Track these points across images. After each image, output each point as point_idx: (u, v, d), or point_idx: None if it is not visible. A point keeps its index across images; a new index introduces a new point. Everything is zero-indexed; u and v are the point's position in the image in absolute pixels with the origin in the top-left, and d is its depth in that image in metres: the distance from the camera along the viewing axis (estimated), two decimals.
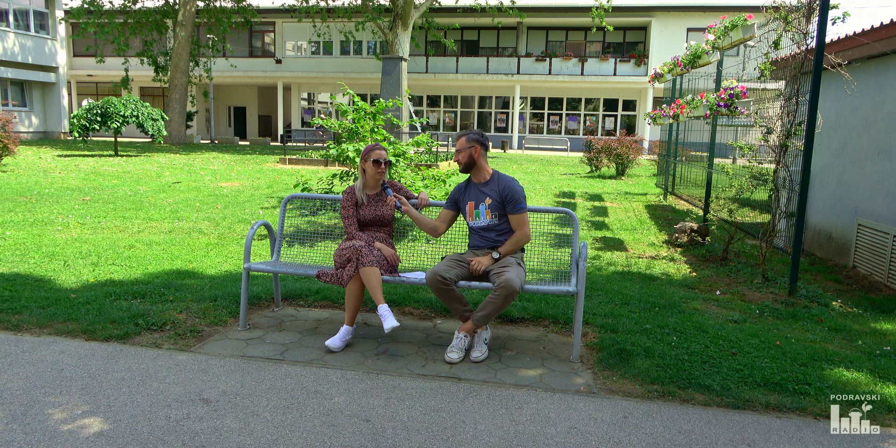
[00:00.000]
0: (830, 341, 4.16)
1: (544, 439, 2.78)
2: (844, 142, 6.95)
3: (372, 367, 3.56)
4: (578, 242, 3.97)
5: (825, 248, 7.23)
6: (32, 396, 3.05)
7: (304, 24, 29.53)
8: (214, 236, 7.27)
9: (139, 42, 27.95)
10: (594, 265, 6.28)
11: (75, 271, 5.35)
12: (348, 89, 7.19)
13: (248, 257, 4.08)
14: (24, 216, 8.05)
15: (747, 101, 6.31)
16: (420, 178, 7.08)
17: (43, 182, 11.75)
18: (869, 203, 6.33)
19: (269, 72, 32.23)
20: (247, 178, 13.52)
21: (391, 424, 2.87)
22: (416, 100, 31.94)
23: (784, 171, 5.61)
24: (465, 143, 3.87)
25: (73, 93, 32.99)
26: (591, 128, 31.13)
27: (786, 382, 3.35)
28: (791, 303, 5.03)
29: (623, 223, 9.03)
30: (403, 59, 20.19)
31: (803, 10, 5.27)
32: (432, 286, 3.66)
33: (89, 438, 2.67)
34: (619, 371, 3.51)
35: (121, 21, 26.41)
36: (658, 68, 10.39)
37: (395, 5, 23.27)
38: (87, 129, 17.55)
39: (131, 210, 8.85)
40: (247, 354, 3.68)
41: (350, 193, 4.06)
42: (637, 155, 16.91)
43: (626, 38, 30.89)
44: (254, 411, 2.97)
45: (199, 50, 27.46)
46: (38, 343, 3.74)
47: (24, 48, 25.24)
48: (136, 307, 4.33)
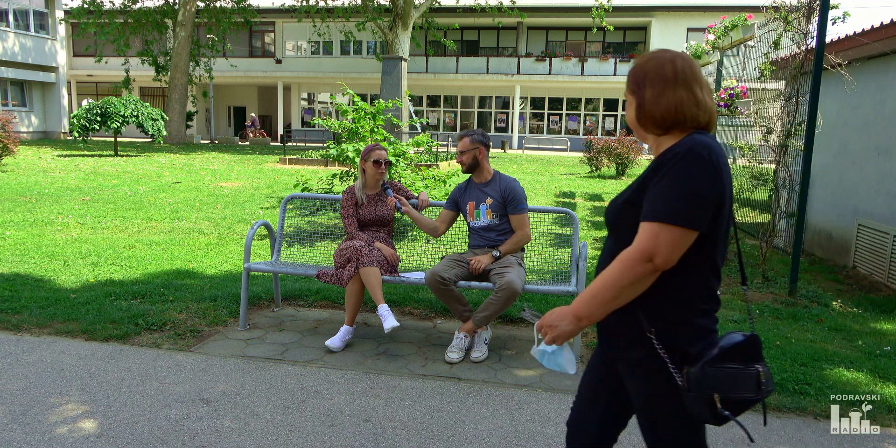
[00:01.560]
0: (830, 341, 4.16)
1: (544, 439, 2.78)
2: (844, 142, 6.95)
3: (372, 367, 3.56)
4: (578, 242, 3.98)
5: (825, 249, 7.23)
6: (32, 396, 3.05)
7: (304, 24, 29.52)
8: (214, 236, 7.27)
9: (139, 42, 27.93)
10: (594, 265, 6.28)
11: (75, 271, 5.35)
12: (348, 89, 7.19)
13: (248, 257, 4.08)
14: (24, 216, 8.05)
15: (747, 101, 6.30)
16: (420, 178, 7.07)
17: (43, 182, 11.75)
18: (869, 203, 6.33)
19: (269, 72, 32.23)
20: (247, 178, 13.52)
21: (391, 424, 2.87)
22: (416, 100, 31.94)
23: (784, 171, 5.60)
24: (469, 144, 3.86)
25: (73, 93, 32.98)
26: (591, 128, 31.12)
27: (786, 382, 3.35)
28: (791, 303, 5.03)
29: None
30: (403, 59, 20.18)
31: (803, 10, 5.27)
32: (432, 286, 3.66)
33: (89, 438, 2.67)
34: None
35: (121, 21, 26.39)
36: None
37: (395, 5, 23.27)
38: (87, 129, 17.54)
39: (131, 210, 8.85)
40: (247, 354, 3.68)
41: (350, 193, 4.06)
42: (637, 155, 16.89)
43: (626, 38, 30.89)
44: (254, 411, 2.97)
45: (199, 50, 27.44)
46: (38, 343, 3.74)
47: (24, 48, 25.24)
48: (136, 307, 4.33)
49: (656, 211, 1.48)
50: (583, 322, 1.57)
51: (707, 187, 1.48)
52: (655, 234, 1.46)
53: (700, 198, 1.47)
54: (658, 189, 1.50)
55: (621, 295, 1.51)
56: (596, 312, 1.55)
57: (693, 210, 1.46)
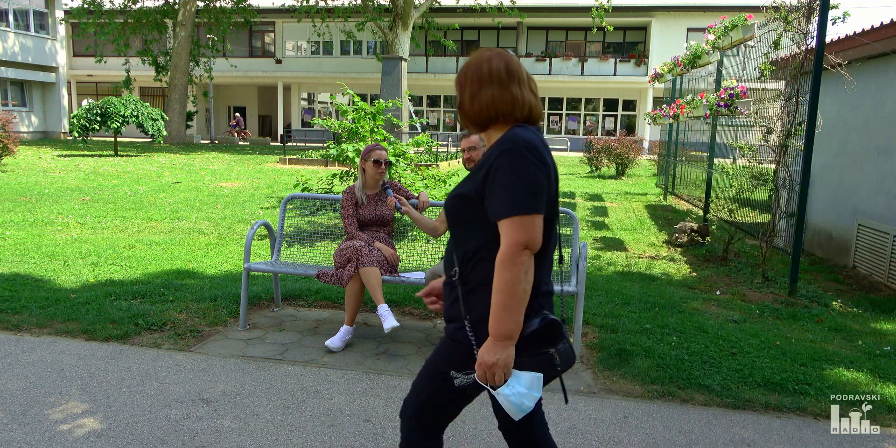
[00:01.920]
0: (830, 341, 4.16)
1: None
2: (844, 142, 6.95)
3: (372, 367, 3.56)
4: (578, 242, 3.97)
5: (825, 248, 7.23)
6: (32, 396, 3.05)
7: (304, 24, 29.50)
8: (214, 236, 7.27)
9: (139, 42, 27.91)
10: (594, 265, 6.28)
11: (75, 271, 5.35)
12: (348, 89, 7.19)
13: (248, 257, 4.08)
14: (24, 216, 8.05)
15: (747, 101, 6.31)
16: (420, 178, 7.08)
17: (43, 182, 11.75)
18: (869, 203, 6.33)
19: (269, 72, 32.22)
20: (247, 178, 13.52)
21: (391, 424, 2.86)
22: (416, 100, 31.94)
23: (784, 171, 5.60)
24: (479, 140, 3.82)
25: (73, 93, 32.98)
26: (591, 128, 31.11)
27: (786, 382, 3.35)
28: (791, 303, 5.03)
29: (623, 223, 9.03)
30: (403, 59, 20.18)
31: (803, 10, 5.27)
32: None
33: (89, 438, 2.67)
34: (620, 371, 3.51)
35: (121, 21, 26.39)
36: (658, 68, 10.39)
37: (395, 5, 23.26)
38: (87, 129, 17.53)
39: (131, 210, 8.85)
40: (247, 354, 3.68)
41: (350, 193, 4.06)
42: (637, 155, 16.90)
43: (626, 38, 30.88)
44: (254, 411, 2.97)
45: (199, 50, 27.44)
46: (38, 343, 3.74)
47: (24, 48, 25.23)
48: (136, 307, 4.33)
49: (507, 206, 1.57)
50: (512, 338, 1.58)
51: (536, 174, 1.59)
52: (518, 226, 1.56)
53: (535, 185, 1.58)
54: (497, 187, 1.59)
55: (524, 291, 1.56)
56: (516, 321, 1.57)
57: (533, 196, 1.58)
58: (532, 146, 1.60)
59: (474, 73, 1.69)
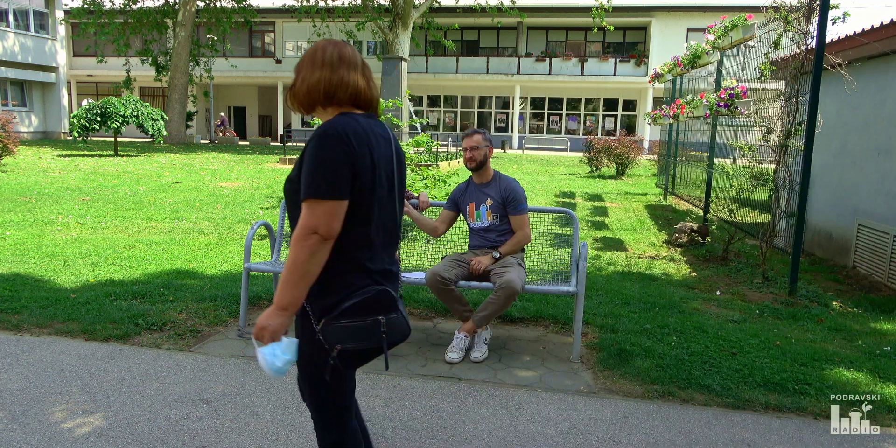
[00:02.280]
0: (830, 341, 4.16)
1: (544, 439, 2.78)
2: (844, 142, 6.95)
3: (372, 367, 3.55)
4: (578, 242, 3.98)
5: (825, 248, 7.23)
6: (32, 396, 3.05)
7: (304, 24, 29.50)
8: (214, 236, 7.27)
9: (139, 42, 27.90)
10: (594, 265, 6.28)
11: (75, 271, 5.35)
12: None
13: (248, 257, 4.08)
14: (24, 216, 8.05)
15: (747, 101, 6.31)
16: (420, 178, 7.08)
17: (43, 182, 11.75)
18: (869, 203, 6.33)
19: (269, 72, 32.22)
20: (247, 178, 13.52)
21: (391, 424, 2.87)
22: (416, 100, 31.94)
23: (784, 171, 5.61)
24: (482, 140, 3.86)
25: (73, 93, 32.97)
26: (591, 128, 31.12)
27: (786, 382, 3.35)
28: (791, 303, 5.03)
29: (623, 223, 9.03)
30: (403, 59, 20.19)
31: (803, 10, 5.27)
32: (432, 286, 3.66)
33: (89, 438, 2.67)
34: (619, 371, 3.51)
35: (121, 21, 26.39)
36: (658, 68, 10.39)
37: (395, 5, 23.26)
38: (87, 129, 17.53)
39: (131, 210, 8.85)
40: (247, 354, 3.67)
41: None
42: (637, 155, 16.91)
43: (626, 38, 30.88)
44: (254, 411, 2.97)
45: (199, 50, 27.43)
46: (38, 343, 3.74)
47: (24, 48, 25.23)
48: (136, 307, 4.33)
49: (306, 190, 1.63)
50: (289, 310, 1.66)
51: (334, 159, 1.63)
52: (311, 210, 1.62)
53: (330, 171, 1.63)
54: (304, 170, 1.66)
55: (307, 272, 1.63)
56: (295, 295, 1.65)
57: (331, 182, 1.63)
58: (342, 134, 1.65)
59: (309, 59, 1.78)
